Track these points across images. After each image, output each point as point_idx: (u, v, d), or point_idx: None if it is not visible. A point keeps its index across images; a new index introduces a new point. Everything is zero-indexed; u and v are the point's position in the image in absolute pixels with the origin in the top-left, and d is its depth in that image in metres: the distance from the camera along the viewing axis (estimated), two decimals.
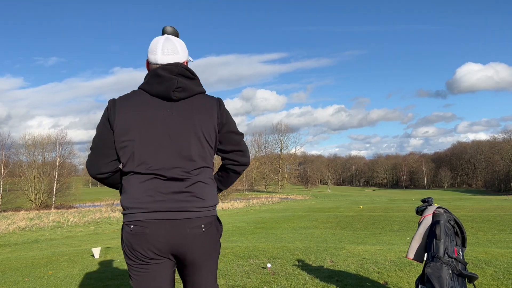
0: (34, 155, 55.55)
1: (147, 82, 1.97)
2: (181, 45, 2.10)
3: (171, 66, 1.97)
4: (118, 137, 1.89)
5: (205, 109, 1.98)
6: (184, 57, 2.07)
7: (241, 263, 5.84)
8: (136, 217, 1.84)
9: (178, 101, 1.94)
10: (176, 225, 1.84)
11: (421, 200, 3.57)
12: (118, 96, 1.99)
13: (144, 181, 1.87)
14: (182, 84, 1.93)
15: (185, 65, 2.02)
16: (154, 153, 1.88)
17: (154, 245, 1.83)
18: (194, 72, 2.04)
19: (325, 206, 35.05)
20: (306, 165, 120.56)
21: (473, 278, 3.10)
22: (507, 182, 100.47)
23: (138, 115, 1.90)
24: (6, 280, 5.66)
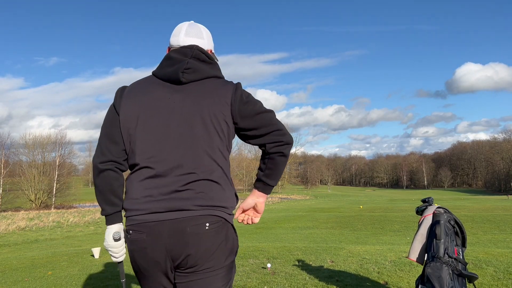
0: (34, 155, 55.59)
1: (159, 66, 1.82)
2: (207, 32, 1.92)
3: (185, 48, 1.79)
4: (123, 124, 1.73)
5: (218, 94, 1.73)
6: (209, 45, 1.89)
7: (241, 263, 5.84)
8: (134, 221, 1.66)
9: (188, 83, 1.73)
10: (176, 225, 1.61)
11: (421, 200, 3.57)
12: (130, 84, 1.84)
13: (143, 179, 1.68)
14: (193, 65, 1.73)
15: (200, 47, 1.80)
16: (155, 145, 1.68)
17: (153, 256, 1.64)
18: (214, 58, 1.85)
19: (325, 206, 35.05)
20: (306, 165, 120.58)
21: (473, 278, 3.10)
22: (507, 182, 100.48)
23: (143, 101, 1.73)
24: (6, 280, 5.65)
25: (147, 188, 1.66)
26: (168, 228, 1.62)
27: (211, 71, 1.78)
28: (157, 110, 1.71)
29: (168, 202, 1.64)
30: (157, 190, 1.65)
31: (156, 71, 1.81)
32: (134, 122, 1.71)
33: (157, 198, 1.64)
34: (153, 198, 1.65)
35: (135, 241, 1.66)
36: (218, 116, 1.70)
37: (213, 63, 1.82)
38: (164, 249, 1.62)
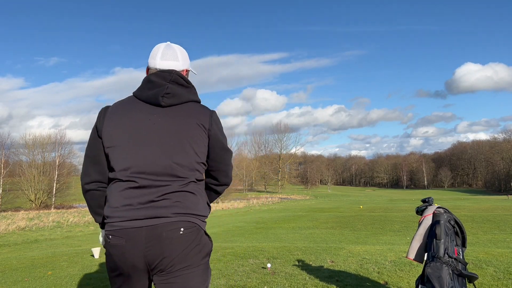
0: (34, 155, 55.57)
1: (139, 88, 1.96)
2: (182, 53, 2.06)
3: (165, 72, 1.94)
4: (105, 143, 1.87)
5: (196, 118, 1.91)
6: (184, 65, 2.04)
7: (241, 263, 5.84)
8: (114, 227, 1.79)
9: (167, 107, 1.89)
10: (153, 231, 1.74)
11: (421, 200, 3.57)
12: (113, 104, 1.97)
13: (123, 189, 1.82)
14: (172, 90, 1.89)
15: (179, 72, 1.97)
16: (136, 159, 1.82)
17: (132, 261, 1.76)
18: (191, 82, 2.00)
19: (325, 206, 35.06)
20: (306, 165, 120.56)
21: (473, 278, 3.09)
22: (507, 182, 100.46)
23: (124, 121, 1.87)
24: (6, 280, 5.65)
25: (126, 198, 1.80)
26: (145, 233, 1.74)
27: (189, 96, 1.95)
28: (138, 130, 1.85)
29: (147, 210, 1.76)
30: (136, 200, 1.78)
31: (137, 93, 1.94)
32: (116, 141, 1.85)
33: (136, 207, 1.77)
34: (133, 207, 1.77)
35: (115, 246, 1.77)
36: (195, 137, 1.88)
37: (190, 87, 1.98)
38: (142, 254, 1.74)
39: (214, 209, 36.74)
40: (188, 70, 2.08)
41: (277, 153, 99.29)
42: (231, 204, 43.25)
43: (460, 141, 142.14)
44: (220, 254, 6.66)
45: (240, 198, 57.61)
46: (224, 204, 42.54)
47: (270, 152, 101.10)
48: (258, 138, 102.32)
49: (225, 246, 7.97)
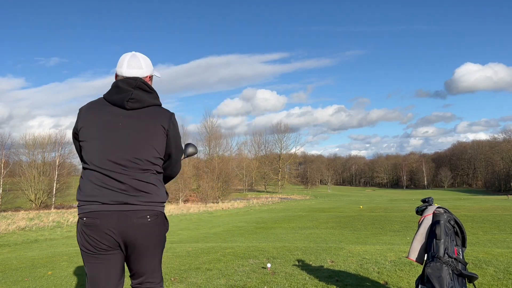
0: (34, 155, 55.58)
1: (108, 92, 2.27)
2: (146, 61, 2.36)
3: (130, 79, 2.25)
4: (80, 137, 2.22)
5: (157, 120, 2.23)
6: (147, 72, 2.34)
7: (241, 263, 5.84)
8: (88, 209, 2.11)
9: (132, 110, 2.21)
10: (123, 216, 2.09)
11: (421, 200, 3.57)
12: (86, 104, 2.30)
13: (93, 178, 2.14)
14: (136, 95, 2.20)
15: (142, 79, 2.27)
16: (102, 153, 2.15)
17: (106, 234, 2.09)
18: (152, 87, 2.33)
19: (325, 206, 35.07)
20: (306, 165, 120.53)
21: (473, 278, 3.10)
22: (507, 182, 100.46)
23: (95, 120, 2.20)
24: (6, 280, 5.65)
25: (97, 185, 2.12)
26: (117, 217, 2.09)
27: (151, 100, 2.26)
28: (107, 129, 2.18)
29: (116, 197, 2.10)
30: (106, 188, 2.11)
31: (106, 96, 2.26)
32: (88, 136, 2.19)
33: (106, 193, 2.10)
34: (102, 192, 2.11)
35: (90, 225, 2.10)
36: (156, 136, 2.21)
37: (152, 93, 2.29)
38: (116, 232, 2.10)
39: (214, 209, 36.75)
40: (151, 76, 2.39)
41: (277, 153, 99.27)
42: (231, 204, 43.27)
43: (460, 141, 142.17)
44: (220, 254, 6.66)
45: (240, 198, 57.64)
46: (224, 204, 42.56)
47: (270, 152, 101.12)
48: (258, 138, 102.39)
49: (225, 246, 7.97)
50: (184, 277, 5.14)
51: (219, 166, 57.70)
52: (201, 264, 5.92)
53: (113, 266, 2.19)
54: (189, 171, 56.80)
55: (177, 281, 4.97)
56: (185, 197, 53.10)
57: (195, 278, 5.05)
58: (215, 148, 69.55)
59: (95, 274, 2.19)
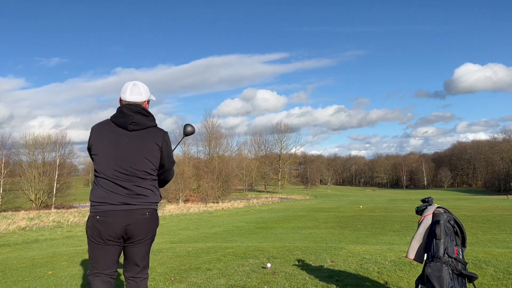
0: (34, 155, 55.56)
1: (114, 115, 2.85)
2: (144, 88, 2.97)
3: (132, 105, 2.84)
4: (92, 152, 2.81)
5: (152, 139, 2.84)
6: (145, 97, 2.95)
7: (241, 263, 5.85)
8: (100, 209, 2.71)
9: (133, 131, 2.81)
10: (131, 213, 2.73)
11: (421, 200, 3.57)
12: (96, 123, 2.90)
13: (103, 184, 2.74)
14: (137, 119, 2.81)
15: (142, 106, 2.89)
16: (110, 165, 2.75)
17: (113, 228, 2.70)
18: (150, 111, 2.92)
19: (325, 206, 35.07)
20: (306, 165, 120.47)
21: (473, 278, 3.10)
22: (507, 182, 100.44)
23: (104, 139, 2.80)
24: (6, 280, 5.66)
25: (107, 190, 2.73)
26: (123, 215, 2.71)
27: (149, 123, 2.87)
28: (113, 144, 2.77)
29: (122, 199, 2.72)
30: (112, 192, 2.72)
31: (112, 119, 2.85)
32: (99, 151, 2.79)
33: (114, 197, 2.71)
34: (112, 197, 2.71)
35: (102, 221, 2.70)
36: (151, 152, 2.83)
37: (150, 116, 2.89)
38: (122, 227, 2.71)
39: (214, 209, 36.75)
40: (149, 100, 3.02)
41: (277, 153, 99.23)
42: (231, 204, 43.26)
43: (460, 141, 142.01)
44: (220, 254, 6.66)
45: (240, 198, 57.63)
46: (224, 204, 42.56)
47: (270, 152, 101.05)
48: (258, 138, 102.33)
49: (225, 246, 7.98)
50: (184, 277, 5.14)
51: (219, 166, 57.68)
52: (201, 264, 5.92)
53: (112, 253, 2.79)
54: (189, 171, 56.80)
55: (177, 281, 4.97)
56: (185, 197, 53.09)
57: (195, 278, 5.05)
58: (215, 148, 69.55)
59: (98, 258, 2.78)
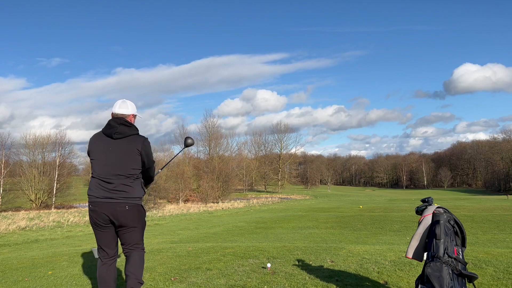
0: (35, 155, 55.55)
1: (104, 127, 3.67)
2: (131, 105, 3.78)
3: (117, 118, 3.67)
4: (90, 157, 3.69)
5: (133, 145, 3.61)
6: (131, 112, 3.75)
7: (241, 263, 5.85)
8: (91, 200, 3.60)
9: (117, 139, 3.61)
10: (112, 205, 3.54)
11: (421, 200, 3.57)
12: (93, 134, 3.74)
13: (95, 182, 3.62)
14: (120, 130, 3.60)
15: (125, 119, 3.67)
16: (100, 167, 3.60)
17: (101, 216, 3.57)
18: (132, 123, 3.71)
19: (325, 206, 35.07)
20: (306, 165, 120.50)
21: (473, 278, 3.10)
22: (507, 182, 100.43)
23: (97, 146, 3.66)
24: (6, 280, 5.66)
25: (98, 187, 3.58)
26: (108, 206, 3.53)
27: (130, 132, 3.65)
28: (103, 152, 3.61)
29: (108, 194, 3.55)
30: (101, 188, 3.57)
31: (103, 130, 3.68)
32: (94, 156, 3.65)
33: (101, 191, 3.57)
34: (100, 192, 3.57)
35: (92, 210, 3.59)
36: (132, 155, 3.60)
37: (132, 127, 3.67)
38: (107, 215, 3.55)
39: (214, 209, 36.75)
40: (134, 115, 3.80)
41: (277, 153, 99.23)
42: (231, 204, 43.26)
43: (460, 141, 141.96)
44: (220, 254, 6.67)
45: (240, 198, 57.64)
46: (224, 204, 42.56)
47: (270, 152, 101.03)
48: (258, 138, 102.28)
49: (225, 246, 7.98)
50: (184, 277, 5.14)
51: (219, 166, 57.69)
52: (201, 263, 5.92)
53: (108, 234, 3.67)
54: (189, 171, 56.82)
55: (177, 280, 4.97)
56: (185, 197, 53.09)
57: (195, 278, 5.05)
58: (215, 148, 69.56)
59: (99, 238, 3.70)
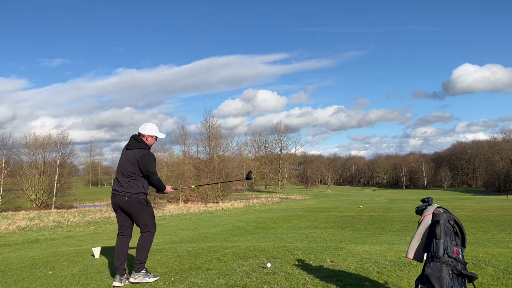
0: (35, 155, 55.59)
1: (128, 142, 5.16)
2: (149, 128, 5.11)
3: (135, 135, 5.10)
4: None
5: (134, 154, 4.94)
6: (147, 132, 5.08)
7: (241, 263, 5.85)
8: (112, 192, 5.07)
9: (128, 150, 5.04)
10: (118, 196, 4.95)
11: (421, 200, 3.58)
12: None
13: (114, 179, 5.11)
14: (131, 143, 5.05)
15: (137, 135, 5.09)
16: (117, 168, 5.08)
17: (114, 204, 5.02)
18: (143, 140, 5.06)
19: (325, 206, 35.07)
20: (306, 165, 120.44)
21: (472, 278, 3.11)
22: (506, 182, 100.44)
23: (121, 154, 5.15)
24: (7, 280, 5.67)
25: (114, 182, 5.11)
26: (116, 197, 4.98)
27: (136, 146, 5.01)
28: (120, 158, 5.12)
29: (115, 188, 5.03)
30: (115, 184, 5.06)
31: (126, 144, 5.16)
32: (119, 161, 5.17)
33: (115, 186, 5.06)
34: (114, 186, 5.08)
35: (111, 198, 5.06)
36: (132, 162, 4.92)
37: (141, 143, 5.01)
38: (116, 202, 5.00)
39: (214, 209, 36.76)
40: (151, 136, 5.11)
41: (277, 153, 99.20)
42: (231, 204, 43.26)
43: (460, 141, 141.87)
44: (220, 254, 6.67)
45: (240, 198, 57.64)
46: (224, 204, 42.56)
47: (270, 152, 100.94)
48: (258, 138, 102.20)
49: (225, 246, 7.98)
50: (185, 277, 5.15)
51: (219, 166, 57.69)
52: (201, 263, 5.93)
53: (121, 217, 5.09)
54: (189, 171, 56.78)
55: (177, 280, 4.98)
56: (185, 197, 53.08)
57: (195, 278, 5.06)
58: (215, 148, 69.60)
59: (117, 219, 5.12)
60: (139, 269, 4.98)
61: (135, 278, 4.96)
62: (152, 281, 4.99)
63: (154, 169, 4.97)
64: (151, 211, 5.08)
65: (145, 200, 4.96)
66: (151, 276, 5.04)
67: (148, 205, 5.02)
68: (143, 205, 4.92)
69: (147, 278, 4.99)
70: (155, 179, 4.99)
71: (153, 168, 4.96)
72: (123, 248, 5.03)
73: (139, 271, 4.98)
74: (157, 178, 5.03)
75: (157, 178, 5.03)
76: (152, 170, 4.93)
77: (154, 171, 4.96)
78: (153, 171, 4.94)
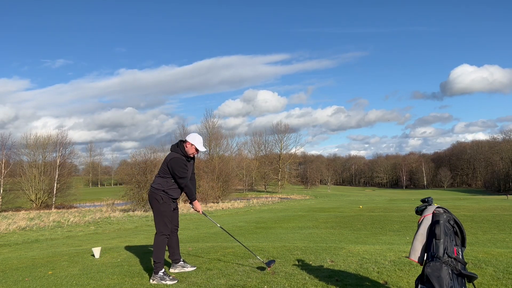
0: (35, 155, 55.59)
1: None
2: (191, 137, 5.38)
3: (180, 140, 5.50)
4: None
5: (169, 156, 5.32)
6: (188, 139, 5.37)
7: (241, 263, 5.86)
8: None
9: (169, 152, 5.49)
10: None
11: (421, 200, 3.58)
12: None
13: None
14: (172, 146, 5.46)
15: (179, 143, 5.43)
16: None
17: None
18: (182, 146, 5.35)
19: (325, 206, 35.07)
20: (306, 165, 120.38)
21: (472, 278, 3.11)
22: (506, 182, 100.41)
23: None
24: (7, 279, 5.67)
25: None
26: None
27: (174, 149, 5.40)
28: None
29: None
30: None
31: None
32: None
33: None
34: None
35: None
36: (164, 164, 5.36)
37: (178, 147, 5.37)
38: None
39: (214, 209, 36.76)
40: (191, 144, 5.33)
41: (277, 153, 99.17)
42: (231, 204, 43.25)
43: (460, 141, 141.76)
44: (220, 254, 6.67)
45: (240, 198, 57.64)
46: (224, 204, 42.55)
47: (270, 152, 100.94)
48: (258, 138, 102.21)
49: (225, 246, 7.98)
50: (185, 277, 5.15)
51: (219, 166, 57.66)
52: (201, 263, 5.93)
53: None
54: None
55: (177, 281, 4.97)
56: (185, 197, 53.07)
57: (195, 278, 5.06)
58: (216, 148, 69.52)
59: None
60: (156, 271, 5.05)
61: (153, 280, 5.01)
62: (169, 284, 4.87)
63: (180, 174, 5.15)
64: (163, 211, 5.20)
65: (162, 198, 5.18)
66: (168, 280, 4.96)
67: (162, 204, 5.18)
68: (158, 202, 5.18)
69: (163, 281, 4.93)
70: (182, 183, 5.21)
71: (180, 172, 5.14)
72: (170, 243, 5.51)
73: (156, 273, 5.03)
74: (184, 183, 5.22)
75: (184, 183, 5.22)
76: (179, 174, 5.14)
77: (180, 176, 5.15)
78: (179, 175, 5.15)
